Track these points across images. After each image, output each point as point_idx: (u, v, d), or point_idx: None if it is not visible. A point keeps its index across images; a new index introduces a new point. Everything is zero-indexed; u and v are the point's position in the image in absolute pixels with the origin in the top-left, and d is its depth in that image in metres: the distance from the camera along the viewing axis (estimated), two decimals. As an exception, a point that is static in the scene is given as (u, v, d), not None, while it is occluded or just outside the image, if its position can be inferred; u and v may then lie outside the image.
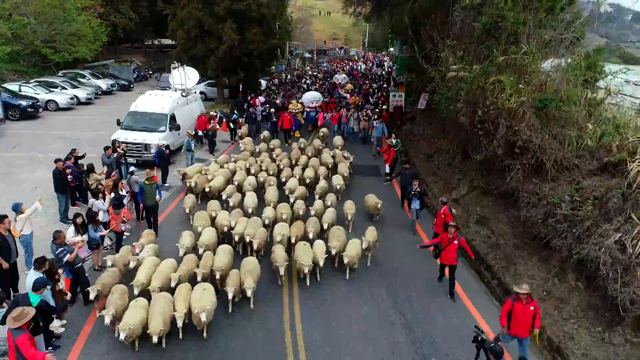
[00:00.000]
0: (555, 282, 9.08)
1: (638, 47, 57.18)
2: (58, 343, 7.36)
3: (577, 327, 8.20)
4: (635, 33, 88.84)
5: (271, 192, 12.49)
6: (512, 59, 11.24)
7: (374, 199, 12.56)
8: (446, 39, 13.05)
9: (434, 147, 17.74)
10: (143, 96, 17.78)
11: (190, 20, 24.09)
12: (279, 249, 9.49)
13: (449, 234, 9.11)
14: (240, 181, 13.54)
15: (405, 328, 8.37)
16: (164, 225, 11.84)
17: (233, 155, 15.92)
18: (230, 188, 12.85)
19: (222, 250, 9.28)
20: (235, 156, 15.74)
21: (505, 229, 11.10)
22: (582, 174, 9.66)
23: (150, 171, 11.39)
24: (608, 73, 11.63)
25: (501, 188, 11.41)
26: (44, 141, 18.08)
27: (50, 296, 6.85)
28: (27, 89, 23.98)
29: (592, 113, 10.70)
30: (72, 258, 8.02)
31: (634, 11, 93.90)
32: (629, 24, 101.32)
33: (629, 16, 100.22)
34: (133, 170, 11.95)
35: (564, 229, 8.79)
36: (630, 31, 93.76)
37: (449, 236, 9.09)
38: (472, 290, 9.84)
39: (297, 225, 10.74)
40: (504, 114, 10.68)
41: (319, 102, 23.94)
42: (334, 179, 13.79)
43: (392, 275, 10.11)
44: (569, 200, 9.03)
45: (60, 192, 11.22)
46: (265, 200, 12.21)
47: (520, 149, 10.41)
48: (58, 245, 8.09)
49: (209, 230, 10.21)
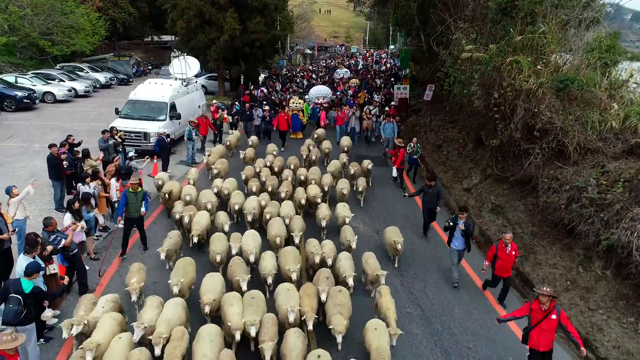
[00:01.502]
0: (579, 270, 8.55)
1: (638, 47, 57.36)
2: (50, 334, 6.82)
3: (606, 317, 7.67)
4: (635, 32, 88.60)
5: (275, 228, 9.08)
6: (529, 39, 10.70)
7: (394, 235, 9.34)
8: (458, 21, 12.51)
9: (442, 137, 17.21)
10: (142, 85, 17.25)
11: (190, 10, 23.52)
12: None
13: (541, 304, 6.07)
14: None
15: (423, 320, 7.85)
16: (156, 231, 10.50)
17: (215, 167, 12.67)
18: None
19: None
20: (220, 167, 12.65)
21: (522, 217, 10.56)
22: (606, 157, 9.14)
23: (135, 178, 9.57)
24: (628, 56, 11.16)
25: (517, 175, 10.88)
26: (41, 132, 17.61)
27: (42, 283, 6.31)
28: (24, 80, 23.47)
29: (614, 95, 10.20)
30: (67, 243, 7.48)
31: (634, 10, 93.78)
32: (628, 23, 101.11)
33: (629, 15, 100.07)
34: (132, 156, 11.38)
35: (590, 213, 8.25)
36: (630, 30, 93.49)
37: (542, 307, 6.08)
38: (490, 280, 9.32)
39: (308, 293, 7.14)
40: (522, 96, 10.16)
41: (327, 98, 21.13)
42: (339, 210, 10.26)
43: (406, 265, 9.58)
44: (595, 184, 8.51)
45: (55, 179, 10.67)
46: (269, 237, 9.01)
47: (539, 132, 9.89)
48: (50, 232, 7.54)
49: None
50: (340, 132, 18.20)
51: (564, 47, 11.03)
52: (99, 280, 8.36)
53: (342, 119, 18.31)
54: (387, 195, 13.42)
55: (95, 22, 33.46)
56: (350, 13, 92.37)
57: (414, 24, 22.23)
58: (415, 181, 14.46)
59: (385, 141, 16.60)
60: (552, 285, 8.61)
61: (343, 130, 18.31)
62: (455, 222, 8.72)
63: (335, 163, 13.44)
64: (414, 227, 11.30)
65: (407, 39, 29.10)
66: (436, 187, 10.58)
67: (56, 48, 29.52)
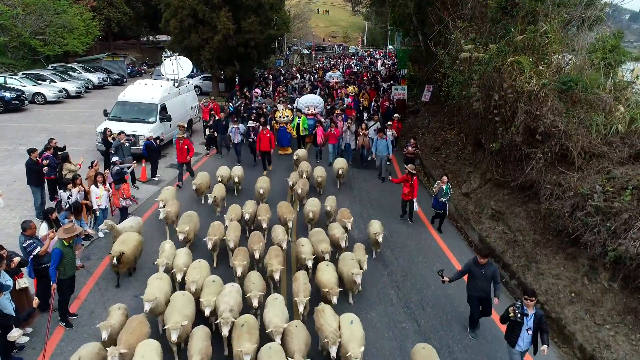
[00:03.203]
0: (584, 282, 8.12)
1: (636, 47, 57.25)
2: (21, 355, 6.35)
3: (613, 333, 7.24)
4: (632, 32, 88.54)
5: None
6: (531, 39, 10.28)
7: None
8: (457, 20, 12.08)
9: (441, 139, 16.82)
10: (132, 85, 16.78)
11: (184, 9, 23.06)
12: None
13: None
14: None
15: (419, 335, 7.41)
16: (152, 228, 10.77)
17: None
18: None
19: None
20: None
21: (523, 224, 10.14)
22: (612, 162, 8.72)
23: (71, 223, 7.32)
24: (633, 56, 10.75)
25: (518, 180, 10.45)
26: (27, 134, 17.14)
27: (8, 302, 5.84)
28: (14, 81, 22.99)
29: (619, 97, 9.78)
30: (42, 252, 7.02)
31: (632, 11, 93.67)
32: (626, 23, 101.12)
33: (627, 16, 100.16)
34: (116, 160, 10.93)
35: (596, 222, 7.82)
36: (628, 31, 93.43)
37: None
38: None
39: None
40: (524, 98, 9.73)
41: (318, 108, 17.68)
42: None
43: (402, 277, 9.14)
44: (601, 191, 8.08)
45: (34, 185, 10.21)
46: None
47: (541, 136, 9.46)
48: (27, 237, 7.10)
49: None
50: (333, 151, 15.39)
51: (566, 47, 10.59)
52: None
53: (336, 136, 15.40)
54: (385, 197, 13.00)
55: (90, 22, 32.99)
56: (348, 13, 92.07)
57: (411, 23, 21.84)
58: (441, 230, 11.08)
59: (378, 160, 14.18)
60: (556, 296, 8.22)
61: (336, 149, 15.56)
62: (522, 311, 6.05)
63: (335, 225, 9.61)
64: (410, 234, 10.89)
65: (405, 39, 28.70)
66: (489, 266, 7.23)
67: (48, 48, 29.06)
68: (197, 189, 11.60)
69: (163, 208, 9.82)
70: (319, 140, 15.73)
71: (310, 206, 10.25)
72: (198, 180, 11.69)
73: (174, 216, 9.87)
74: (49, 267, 6.66)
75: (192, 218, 9.42)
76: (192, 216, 9.49)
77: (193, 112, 18.99)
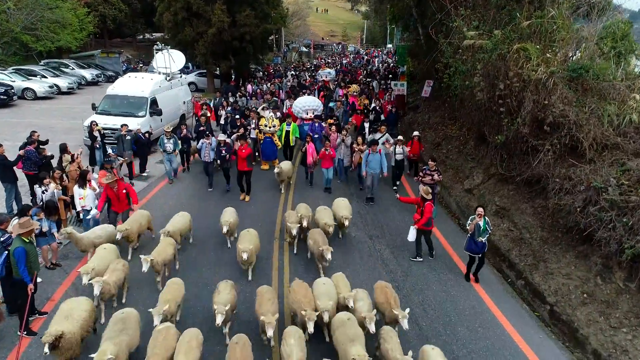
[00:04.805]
0: (598, 282, 7.57)
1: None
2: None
3: (630, 337, 6.69)
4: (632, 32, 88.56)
5: None
6: (538, 25, 9.72)
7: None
8: (459, 7, 11.52)
9: (441, 134, 16.26)
10: (122, 78, 16.24)
11: (177, 2, 22.47)
12: None
13: None
14: None
15: (421, 339, 6.84)
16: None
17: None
18: None
19: None
20: None
21: (530, 221, 9.57)
22: (626, 153, 8.17)
23: (26, 217, 6.49)
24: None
25: (525, 174, 9.91)
26: (13, 129, 16.55)
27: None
28: (3, 76, 22.40)
29: (633, 86, 9.22)
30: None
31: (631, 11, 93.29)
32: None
33: (627, 16, 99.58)
34: (110, 153, 10.33)
35: (611, 218, 7.27)
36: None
37: None
38: (495, 292, 8.32)
39: None
40: (531, 87, 9.17)
41: (317, 111, 15.42)
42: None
43: (403, 276, 8.58)
44: (615, 184, 7.52)
45: (5, 182, 9.55)
46: None
47: (550, 127, 8.90)
48: (2, 231, 6.54)
49: None
50: (328, 176, 12.25)
51: (575, 33, 10.04)
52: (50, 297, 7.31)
53: (332, 157, 12.08)
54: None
55: (84, 18, 32.36)
56: (347, 12, 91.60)
57: (411, 17, 21.28)
58: (477, 278, 8.52)
59: (369, 178, 11.55)
60: (567, 297, 7.66)
61: (333, 173, 12.52)
62: None
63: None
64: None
65: (405, 35, 28.14)
66: None
67: (40, 44, 28.42)
68: (126, 236, 8.12)
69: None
70: (309, 161, 12.57)
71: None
72: (126, 226, 8.20)
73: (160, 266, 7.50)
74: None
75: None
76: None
77: (185, 106, 18.40)
